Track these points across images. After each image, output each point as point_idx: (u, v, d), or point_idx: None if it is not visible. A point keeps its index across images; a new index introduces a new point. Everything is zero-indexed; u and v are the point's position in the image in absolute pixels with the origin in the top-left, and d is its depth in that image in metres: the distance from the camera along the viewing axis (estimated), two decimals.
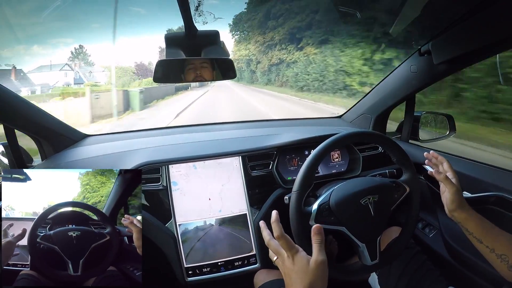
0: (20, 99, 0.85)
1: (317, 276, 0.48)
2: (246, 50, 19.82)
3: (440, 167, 0.73)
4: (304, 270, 0.49)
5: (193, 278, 0.84)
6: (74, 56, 15.44)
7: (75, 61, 14.78)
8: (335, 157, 1.03)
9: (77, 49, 15.50)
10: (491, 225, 0.62)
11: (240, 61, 20.31)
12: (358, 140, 0.92)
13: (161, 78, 0.63)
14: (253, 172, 0.94)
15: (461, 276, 0.81)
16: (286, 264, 0.51)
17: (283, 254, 0.51)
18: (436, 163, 0.74)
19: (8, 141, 0.90)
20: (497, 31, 0.67)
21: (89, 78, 13.71)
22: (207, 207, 0.88)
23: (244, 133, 1.15)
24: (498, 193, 0.75)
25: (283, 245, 0.51)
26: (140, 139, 1.11)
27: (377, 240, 0.67)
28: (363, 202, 0.66)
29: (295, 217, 0.64)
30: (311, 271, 0.48)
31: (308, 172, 0.66)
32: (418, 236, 0.98)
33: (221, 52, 0.64)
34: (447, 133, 1.11)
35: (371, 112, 1.19)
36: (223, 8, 20.93)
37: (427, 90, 0.99)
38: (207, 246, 0.86)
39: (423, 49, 0.89)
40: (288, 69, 14.41)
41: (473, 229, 0.63)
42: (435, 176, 0.67)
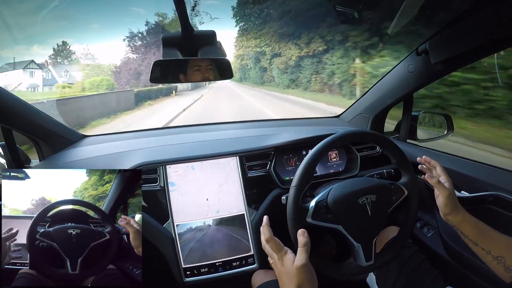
0: (18, 100, 0.86)
1: (303, 278, 0.50)
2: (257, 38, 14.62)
3: (434, 171, 0.73)
4: (291, 273, 0.50)
5: (191, 278, 0.84)
6: (56, 53, 13.37)
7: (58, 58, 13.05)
8: (332, 157, 1.03)
9: (60, 46, 13.28)
10: (487, 227, 0.62)
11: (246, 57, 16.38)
12: (358, 139, 0.92)
13: (157, 78, 0.63)
14: (251, 172, 0.94)
15: (459, 275, 0.81)
16: (277, 266, 0.53)
17: (274, 256, 0.54)
18: (429, 167, 0.74)
19: (5, 142, 0.90)
20: (494, 31, 0.67)
21: (65, 77, 11.74)
22: (205, 208, 0.88)
23: (241, 133, 1.15)
24: (495, 193, 0.75)
25: (272, 247, 0.54)
26: (137, 139, 1.11)
27: (373, 241, 0.67)
28: (361, 201, 0.66)
29: (292, 213, 0.64)
30: (295, 274, 0.50)
31: (307, 168, 0.66)
32: (416, 235, 0.98)
33: (218, 52, 0.64)
34: (445, 132, 1.11)
35: (369, 111, 1.20)
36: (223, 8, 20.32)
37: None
38: (205, 246, 0.86)
39: (420, 49, 0.89)
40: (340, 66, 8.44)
41: (468, 232, 0.63)
42: (428, 180, 0.68)
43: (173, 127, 1.33)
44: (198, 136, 1.10)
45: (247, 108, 8.74)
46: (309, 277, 0.50)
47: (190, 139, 1.07)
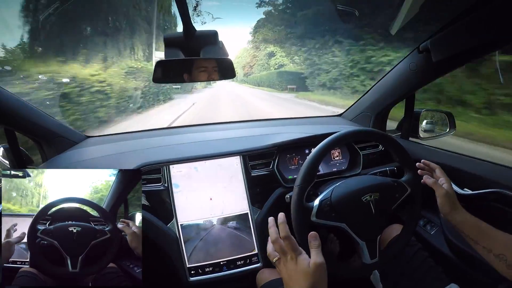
0: (21, 101, 0.86)
1: (317, 279, 0.50)
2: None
3: (434, 174, 0.75)
4: (306, 272, 0.50)
5: (195, 278, 0.84)
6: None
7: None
8: (335, 156, 1.03)
9: None
10: (487, 226, 0.63)
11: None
12: (361, 138, 0.92)
13: (160, 79, 0.63)
14: (254, 171, 0.94)
15: (463, 273, 0.81)
16: (288, 265, 0.52)
17: (286, 255, 0.53)
18: (429, 170, 0.76)
19: (8, 144, 0.90)
20: (495, 28, 0.67)
21: None
22: (209, 207, 0.88)
23: (244, 132, 1.15)
24: (499, 190, 0.75)
25: (287, 246, 0.52)
26: (140, 139, 1.11)
27: (377, 238, 0.67)
28: (364, 199, 0.67)
29: (296, 212, 0.65)
30: (312, 274, 0.50)
31: (311, 167, 0.67)
32: (420, 233, 0.98)
33: (220, 52, 0.64)
34: (447, 130, 1.11)
35: (371, 110, 1.19)
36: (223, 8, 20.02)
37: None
38: (209, 245, 0.86)
39: (422, 47, 0.89)
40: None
41: (468, 231, 0.64)
42: (425, 181, 0.72)
43: (175, 127, 1.33)
44: (201, 136, 1.10)
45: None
46: (323, 277, 0.51)
47: (193, 139, 1.07)
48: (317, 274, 0.50)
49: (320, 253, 0.52)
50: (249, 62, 24.28)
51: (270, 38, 17.77)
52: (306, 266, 0.50)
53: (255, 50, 22.64)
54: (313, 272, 0.50)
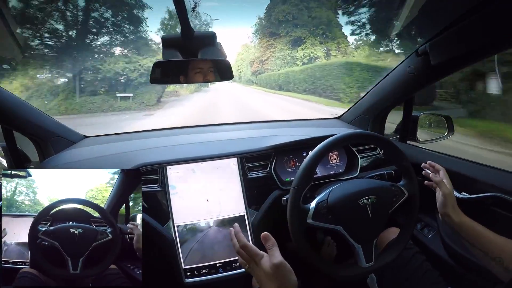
0: (18, 100, 0.86)
1: (281, 278, 0.51)
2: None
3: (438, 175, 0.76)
4: (268, 274, 0.52)
5: (191, 279, 0.84)
6: None
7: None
8: (333, 158, 1.03)
9: None
10: (484, 230, 0.64)
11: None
12: (359, 141, 0.91)
13: (157, 79, 0.63)
14: (251, 173, 0.94)
15: (460, 276, 0.81)
16: (256, 271, 0.54)
17: (251, 262, 0.55)
18: (433, 171, 0.77)
19: (6, 143, 0.90)
20: (494, 32, 0.67)
21: None
22: (205, 209, 0.88)
23: (241, 134, 1.15)
24: (496, 194, 0.75)
25: (249, 253, 0.55)
26: (138, 140, 1.11)
27: (373, 242, 0.67)
28: (361, 202, 0.66)
29: (292, 214, 0.64)
30: (273, 274, 0.51)
31: (308, 169, 0.66)
32: (417, 236, 0.98)
33: (218, 54, 0.64)
34: (445, 133, 1.11)
35: (369, 113, 1.19)
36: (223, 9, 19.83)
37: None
38: (206, 247, 0.85)
39: (420, 50, 0.89)
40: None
41: (465, 234, 0.65)
42: (432, 178, 0.73)
43: (173, 128, 1.33)
44: (198, 137, 1.09)
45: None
46: (288, 275, 0.52)
47: (190, 140, 1.07)
48: (279, 273, 0.51)
49: (276, 252, 0.54)
50: (259, 56, 18.22)
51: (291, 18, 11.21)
52: (268, 269, 0.52)
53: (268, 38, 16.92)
54: (274, 273, 0.51)
